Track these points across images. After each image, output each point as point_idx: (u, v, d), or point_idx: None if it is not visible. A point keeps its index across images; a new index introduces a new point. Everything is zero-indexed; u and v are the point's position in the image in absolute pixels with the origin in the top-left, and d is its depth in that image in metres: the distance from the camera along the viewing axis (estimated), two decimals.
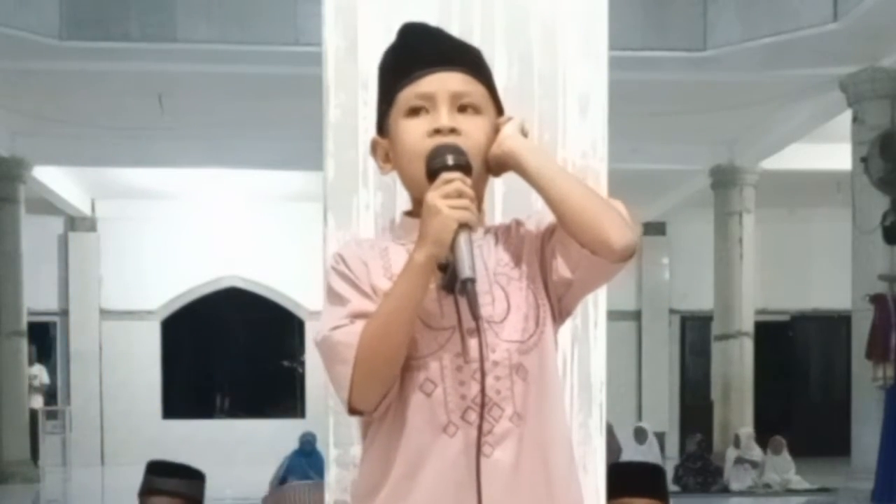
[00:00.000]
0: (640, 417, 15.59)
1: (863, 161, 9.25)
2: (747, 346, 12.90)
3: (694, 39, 9.05)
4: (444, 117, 1.51)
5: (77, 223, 15.38)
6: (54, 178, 13.33)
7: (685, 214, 15.17)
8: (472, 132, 1.52)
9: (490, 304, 1.50)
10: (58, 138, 11.68)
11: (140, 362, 15.60)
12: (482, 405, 1.44)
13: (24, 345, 12.55)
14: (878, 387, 9.33)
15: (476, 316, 1.42)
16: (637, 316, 16.28)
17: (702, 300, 14.46)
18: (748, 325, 12.95)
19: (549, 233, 1.55)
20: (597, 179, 1.99)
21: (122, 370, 15.36)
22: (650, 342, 16.33)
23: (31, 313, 13.04)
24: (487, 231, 1.59)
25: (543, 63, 1.99)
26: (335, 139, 2.00)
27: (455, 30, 1.91)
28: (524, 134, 1.57)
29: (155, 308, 15.76)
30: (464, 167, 1.46)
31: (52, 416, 14.36)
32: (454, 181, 1.43)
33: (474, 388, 1.45)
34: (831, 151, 11.11)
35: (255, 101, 10.22)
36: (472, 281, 1.41)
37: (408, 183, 1.59)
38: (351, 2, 1.99)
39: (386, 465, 1.49)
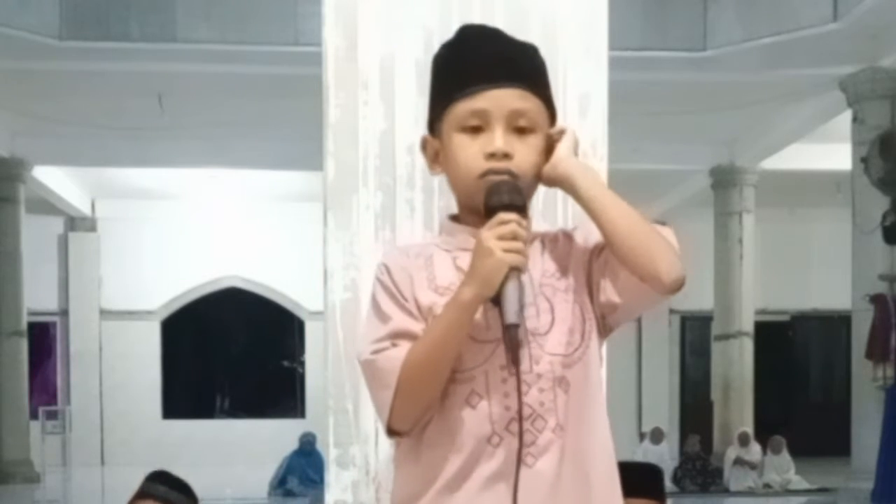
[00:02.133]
0: (640, 417, 15.60)
1: (863, 161, 9.25)
2: (747, 346, 12.91)
3: (694, 39, 9.05)
4: (499, 139, 1.51)
5: (77, 223, 15.38)
6: (54, 178, 13.34)
7: (685, 214, 15.15)
8: (525, 155, 1.53)
9: (535, 315, 1.51)
10: (58, 138, 11.69)
11: (140, 362, 15.60)
12: (520, 430, 1.45)
13: (24, 345, 12.55)
14: (878, 387, 9.33)
15: (515, 363, 1.44)
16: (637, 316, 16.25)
17: (702, 300, 14.44)
18: (748, 325, 12.95)
19: (598, 251, 1.56)
20: None
21: (122, 370, 15.36)
22: (650, 342, 16.32)
23: (31, 313, 13.04)
24: (534, 238, 1.58)
25: None
26: (335, 139, 2.00)
27: (455, 30, 1.91)
28: (576, 150, 1.58)
29: (155, 308, 15.77)
30: (519, 207, 1.47)
31: (52, 416, 14.35)
32: (510, 223, 1.44)
33: (518, 400, 1.46)
34: (831, 151, 11.12)
35: (255, 101, 10.22)
36: (516, 326, 1.42)
37: (458, 193, 1.59)
38: (351, 2, 1.99)
39: (429, 475, 1.50)
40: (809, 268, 15.58)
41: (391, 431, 1.52)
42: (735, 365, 12.88)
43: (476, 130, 1.53)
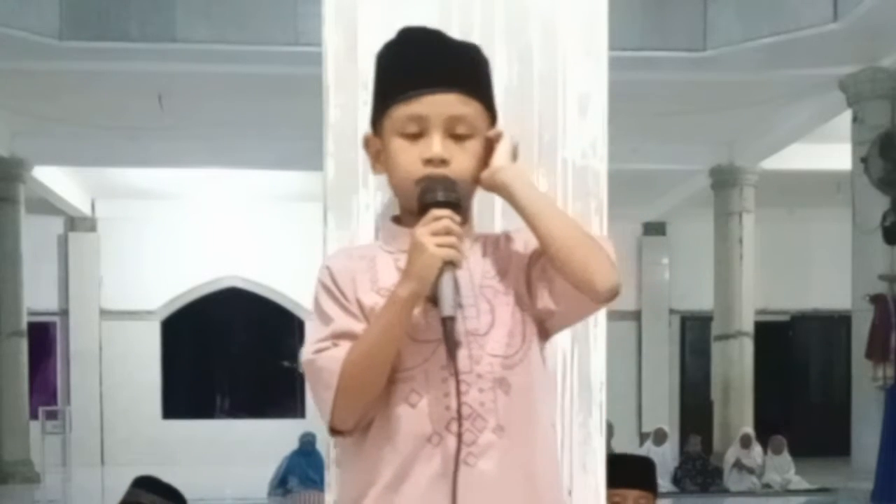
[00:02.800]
0: (640, 417, 15.61)
1: (863, 161, 9.26)
2: (747, 346, 12.91)
3: (694, 39, 9.05)
4: (437, 145, 1.52)
5: (77, 223, 15.39)
6: (54, 178, 13.34)
7: (685, 214, 15.18)
8: (463, 161, 1.53)
9: (475, 316, 1.52)
10: (58, 138, 11.69)
11: (140, 362, 15.61)
12: (459, 429, 1.45)
13: (24, 345, 12.56)
14: (878, 387, 9.34)
15: (452, 356, 1.44)
16: (637, 316, 16.28)
17: (702, 300, 14.46)
18: (748, 325, 12.96)
19: (536, 257, 1.57)
20: (597, 179, 1.99)
21: (122, 370, 15.37)
22: (650, 342, 16.33)
23: (31, 313, 13.04)
24: (475, 241, 1.60)
25: (543, 63, 1.99)
26: (335, 139, 2.00)
27: (455, 30, 1.90)
28: (514, 156, 1.58)
29: (155, 308, 15.77)
30: (454, 204, 1.48)
31: (52, 416, 14.36)
32: (443, 218, 1.44)
33: (457, 400, 1.47)
34: (831, 151, 11.12)
35: (255, 101, 10.22)
36: (453, 319, 1.43)
37: (398, 196, 1.61)
38: (351, 2, 1.99)
39: (371, 475, 1.51)
40: (809, 268, 15.58)
41: (334, 430, 1.53)
42: (735, 365, 12.88)
43: (415, 136, 1.53)
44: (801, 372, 16.48)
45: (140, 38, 8.88)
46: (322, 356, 1.49)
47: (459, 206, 1.50)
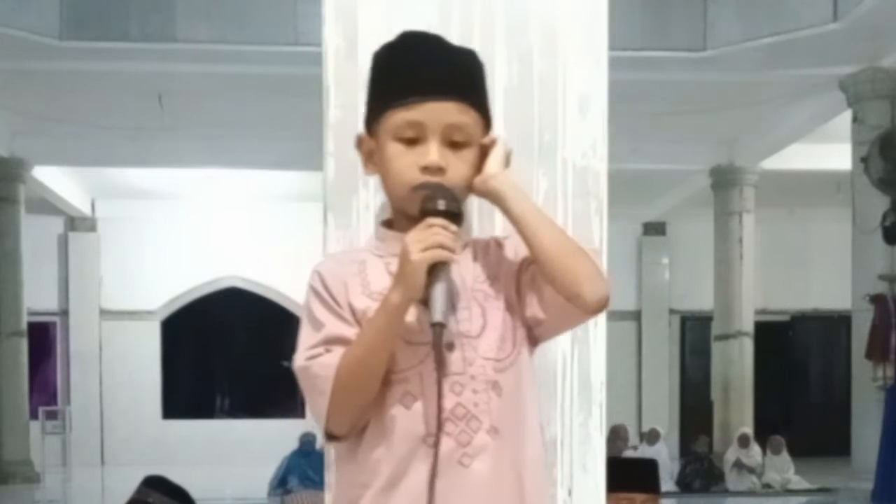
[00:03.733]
0: (640, 417, 15.60)
1: (863, 161, 9.26)
2: (747, 346, 12.91)
3: (694, 39, 9.06)
4: (434, 153, 1.52)
5: (77, 223, 15.38)
6: (54, 178, 13.34)
7: (685, 214, 15.17)
8: (459, 169, 1.54)
9: (467, 319, 1.54)
10: (58, 138, 11.69)
11: (140, 362, 15.60)
12: (439, 426, 1.46)
13: (24, 345, 12.56)
14: (878, 387, 9.34)
15: (439, 362, 1.44)
16: (637, 316, 16.28)
17: (702, 300, 14.46)
18: (748, 325, 12.95)
19: (526, 265, 1.58)
20: (597, 179, 1.99)
21: (122, 370, 15.36)
22: (650, 342, 16.32)
23: (31, 313, 13.04)
24: (466, 245, 1.60)
25: (543, 63, 1.99)
26: (335, 139, 2.00)
27: (455, 30, 1.91)
28: (508, 162, 1.59)
29: (155, 308, 15.76)
30: (454, 213, 1.48)
31: (52, 416, 14.35)
32: (434, 227, 1.45)
33: (452, 400, 1.49)
34: (831, 151, 11.12)
35: (255, 101, 10.22)
36: (442, 325, 1.43)
37: (391, 199, 1.61)
38: (351, 2, 1.99)
39: (367, 477, 1.52)
40: (809, 268, 15.58)
41: (330, 436, 1.54)
42: (735, 365, 12.88)
43: (411, 141, 1.53)
44: (801, 372, 16.48)
45: (140, 38, 8.88)
46: (315, 363, 1.50)
47: (459, 216, 1.50)
